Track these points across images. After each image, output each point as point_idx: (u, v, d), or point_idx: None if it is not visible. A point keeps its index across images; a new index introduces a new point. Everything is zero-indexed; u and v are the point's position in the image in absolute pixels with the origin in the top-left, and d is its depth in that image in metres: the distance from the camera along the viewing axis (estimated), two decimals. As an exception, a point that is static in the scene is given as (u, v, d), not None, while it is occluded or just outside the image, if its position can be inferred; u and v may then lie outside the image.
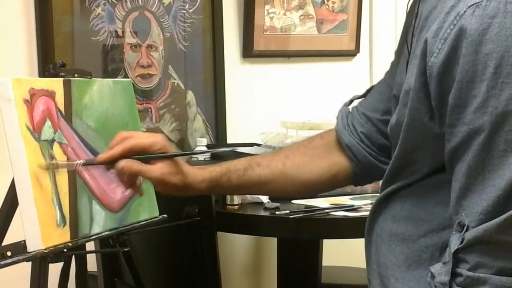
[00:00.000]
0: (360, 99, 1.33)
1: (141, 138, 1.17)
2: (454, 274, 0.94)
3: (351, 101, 1.34)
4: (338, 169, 1.28)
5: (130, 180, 1.19)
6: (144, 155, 1.15)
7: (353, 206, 1.92)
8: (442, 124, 0.98)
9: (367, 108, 1.28)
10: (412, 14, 1.11)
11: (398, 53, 1.20)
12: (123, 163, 1.14)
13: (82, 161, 1.29)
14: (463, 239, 0.93)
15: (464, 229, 0.93)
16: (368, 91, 1.31)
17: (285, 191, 1.33)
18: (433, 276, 0.97)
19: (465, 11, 0.93)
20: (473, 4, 0.92)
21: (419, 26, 1.05)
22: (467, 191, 0.94)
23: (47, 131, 1.32)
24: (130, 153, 1.15)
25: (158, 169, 1.16)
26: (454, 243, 0.94)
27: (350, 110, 1.33)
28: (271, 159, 1.29)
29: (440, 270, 0.96)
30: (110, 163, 1.16)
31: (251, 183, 1.26)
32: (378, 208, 1.14)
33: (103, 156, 1.17)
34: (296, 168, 1.28)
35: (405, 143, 1.06)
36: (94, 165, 1.26)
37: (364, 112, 1.28)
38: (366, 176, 1.28)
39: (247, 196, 2.00)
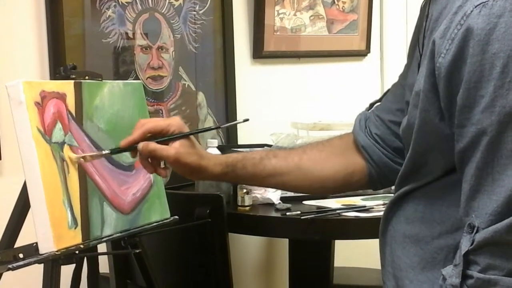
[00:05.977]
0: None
1: (157, 121, 1.23)
2: (465, 276, 0.94)
3: (371, 106, 1.33)
4: (354, 169, 1.28)
5: (153, 163, 1.21)
6: (163, 137, 1.20)
7: (364, 206, 1.92)
8: (452, 125, 0.97)
9: (381, 110, 1.28)
10: (423, 16, 1.10)
11: (410, 55, 1.19)
12: (141, 145, 1.19)
13: (108, 151, 1.30)
14: (473, 241, 0.93)
15: (474, 231, 0.93)
16: (385, 94, 1.31)
17: (299, 185, 1.31)
18: (444, 279, 0.97)
19: (471, 11, 0.93)
20: (479, 4, 0.92)
21: (429, 27, 1.05)
22: (477, 192, 0.94)
23: (58, 134, 1.32)
24: (149, 137, 1.20)
25: (174, 148, 1.19)
26: (465, 245, 0.94)
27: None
28: (289, 152, 1.29)
29: (451, 272, 0.96)
30: (132, 149, 1.21)
31: (266, 173, 1.26)
32: (392, 209, 1.14)
33: (124, 141, 1.21)
34: (312, 163, 1.28)
35: (417, 145, 1.06)
36: (119, 153, 1.30)
37: (379, 115, 1.28)
38: (383, 178, 1.27)
39: (258, 197, 2.00)
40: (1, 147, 1.93)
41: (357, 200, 1.99)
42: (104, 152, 1.32)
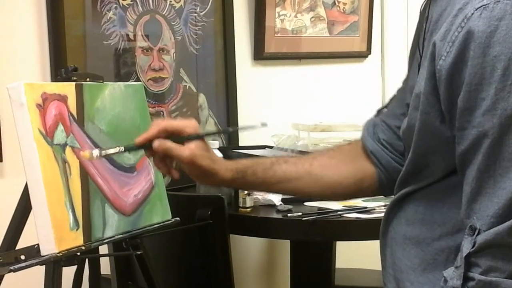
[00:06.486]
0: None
1: (174, 121, 1.21)
2: (466, 278, 0.94)
3: (379, 112, 1.33)
4: (364, 175, 1.27)
5: (166, 163, 1.20)
6: (178, 137, 1.19)
7: (366, 208, 1.92)
8: (453, 127, 0.97)
9: (387, 116, 1.28)
10: (423, 17, 1.10)
11: (411, 57, 1.19)
12: (157, 142, 1.16)
13: (123, 147, 1.27)
14: (474, 243, 0.93)
15: (476, 233, 0.93)
16: (391, 99, 1.31)
17: (310, 191, 1.30)
18: (445, 281, 0.97)
19: (472, 14, 0.93)
20: (480, 7, 0.92)
21: (430, 29, 1.05)
22: (478, 194, 0.94)
23: (60, 135, 1.33)
24: (164, 136, 1.18)
25: (189, 149, 1.17)
26: (466, 247, 0.94)
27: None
28: (299, 159, 1.29)
29: (452, 274, 0.96)
30: (147, 148, 1.18)
31: (276, 179, 1.25)
32: (392, 211, 1.14)
33: (140, 138, 1.19)
34: (322, 169, 1.27)
35: (418, 147, 1.06)
36: (134, 150, 1.25)
37: (385, 120, 1.27)
38: (392, 183, 1.25)
39: (259, 198, 2.00)
40: (2, 149, 1.93)
41: (358, 202, 1.98)
42: (119, 149, 1.29)
